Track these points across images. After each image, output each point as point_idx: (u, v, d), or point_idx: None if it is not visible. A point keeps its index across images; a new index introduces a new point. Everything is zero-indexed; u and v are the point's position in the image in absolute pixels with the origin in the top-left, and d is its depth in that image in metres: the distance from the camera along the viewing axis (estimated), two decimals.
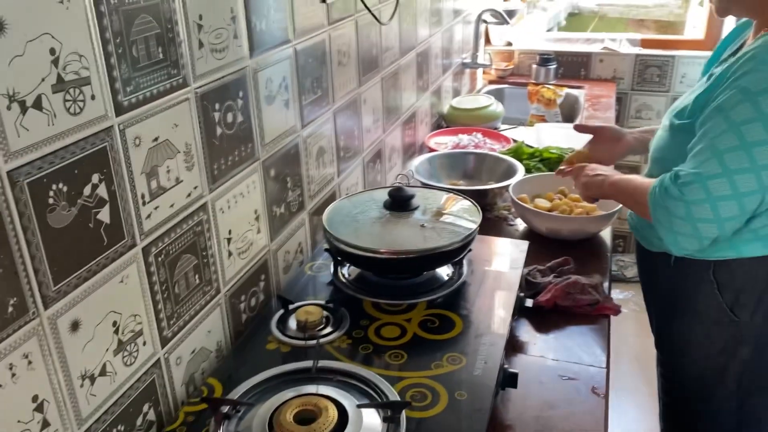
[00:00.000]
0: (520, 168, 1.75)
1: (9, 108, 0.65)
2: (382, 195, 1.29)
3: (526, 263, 1.36)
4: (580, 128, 1.57)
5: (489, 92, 2.92)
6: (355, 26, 1.50)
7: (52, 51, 0.69)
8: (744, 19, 1.26)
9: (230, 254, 1.09)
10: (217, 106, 1.00)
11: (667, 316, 1.37)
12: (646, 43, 3.03)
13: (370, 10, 1.49)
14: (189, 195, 0.95)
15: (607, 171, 1.35)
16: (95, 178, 0.77)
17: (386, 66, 1.75)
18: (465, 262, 1.26)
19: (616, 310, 1.27)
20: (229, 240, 1.08)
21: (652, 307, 1.45)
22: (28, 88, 0.66)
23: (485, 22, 2.85)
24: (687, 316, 1.29)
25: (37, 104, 0.68)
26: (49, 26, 0.68)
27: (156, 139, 0.87)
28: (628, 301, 2.94)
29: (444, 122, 2.42)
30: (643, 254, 1.31)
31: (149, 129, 0.85)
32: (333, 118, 1.44)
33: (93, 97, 0.75)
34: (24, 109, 0.66)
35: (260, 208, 1.16)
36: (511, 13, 2.76)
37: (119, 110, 0.79)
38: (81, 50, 0.73)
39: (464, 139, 2.13)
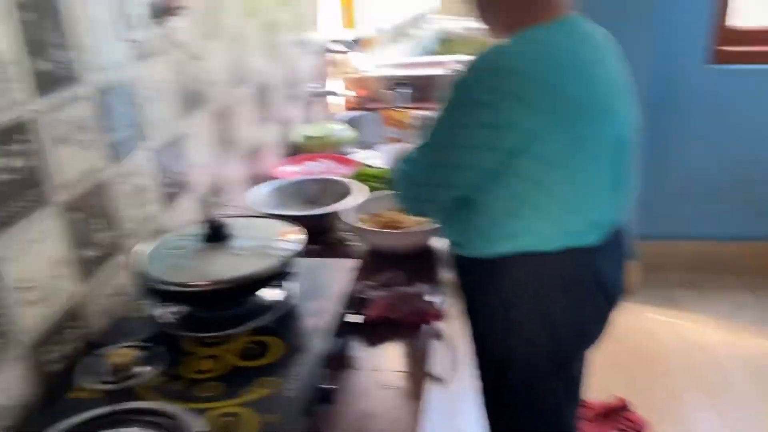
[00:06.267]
0: (358, 189, 1.80)
1: None
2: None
3: (365, 280, 1.39)
4: None
5: (350, 119, 2.99)
6: (170, 63, 1.50)
7: None
8: None
9: (28, 304, 1.04)
10: None
11: (464, 314, 1.45)
12: None
13: (183, 48, 1.50)
14: None
15: None
16: None
17: (215, 100, 1.75)
18: (292, 285, 1.27)
19: (438, 316, 1.33)
20: (22, 289, 1.03)
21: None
22: None
23: (332, 51, 2.92)
24: (474, 312, 1.38)
25: None
26: None
27: None
28: None
29: (297, 151, 2.44)
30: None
31: None
32: (151, 155, 1.42)
33: None
34: None
35: (63, 252, 1.13)
36: (355, 42, 2.85)
37: None
38: None
39: (313, 165, 2.17)
